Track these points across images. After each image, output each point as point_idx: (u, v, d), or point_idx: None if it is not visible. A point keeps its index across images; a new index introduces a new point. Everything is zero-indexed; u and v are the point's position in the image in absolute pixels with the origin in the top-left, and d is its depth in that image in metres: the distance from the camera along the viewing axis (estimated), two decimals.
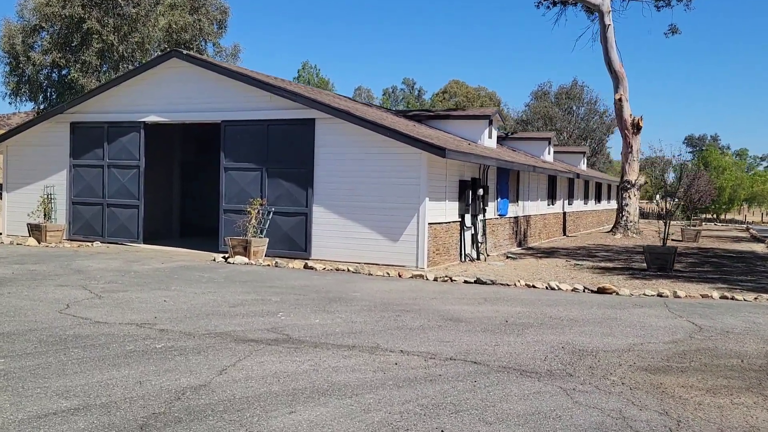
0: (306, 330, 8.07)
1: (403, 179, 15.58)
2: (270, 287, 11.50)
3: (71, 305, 9.37)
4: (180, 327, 8.11)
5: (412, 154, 15.45)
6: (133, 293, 10.55)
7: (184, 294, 10.56)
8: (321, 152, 16.41)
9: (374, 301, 10.25)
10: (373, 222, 15.83)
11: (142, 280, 11.96)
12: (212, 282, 11.97)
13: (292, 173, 16.71)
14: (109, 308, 9.22)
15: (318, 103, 16.27)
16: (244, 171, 17.27)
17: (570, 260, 18.71)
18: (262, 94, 16.96)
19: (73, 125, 19.45)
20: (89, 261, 14.60)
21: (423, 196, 15.38)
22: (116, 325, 8.16)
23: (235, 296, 10.46)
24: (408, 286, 12.17)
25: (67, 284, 11.28)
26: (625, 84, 27.07)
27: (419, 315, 9.18)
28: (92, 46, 29.37)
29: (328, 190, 16.33)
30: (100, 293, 10.45)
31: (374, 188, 15.83)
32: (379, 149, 15.80)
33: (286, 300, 10.20)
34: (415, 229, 15.44)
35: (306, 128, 16.55)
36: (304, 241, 16.50)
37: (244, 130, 17.28)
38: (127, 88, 18.65)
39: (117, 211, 18.89)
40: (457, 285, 12.41)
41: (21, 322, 8.14)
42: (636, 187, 27.31)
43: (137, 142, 18.63)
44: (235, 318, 8.74)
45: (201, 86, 17.73)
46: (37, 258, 14.85)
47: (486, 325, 8.51)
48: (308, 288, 11.51)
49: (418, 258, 15.39)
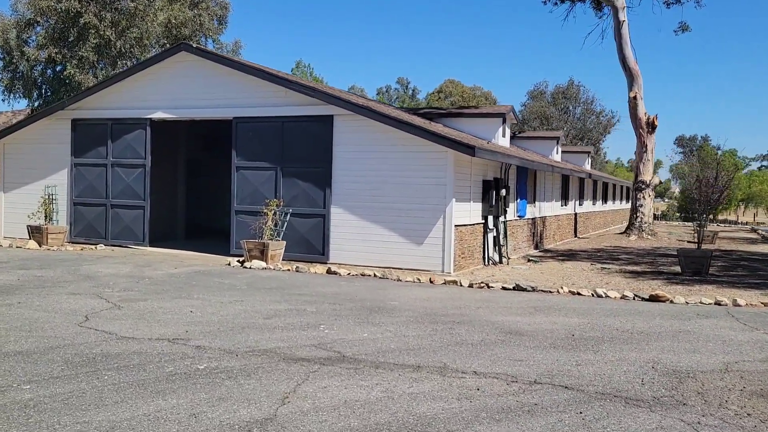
0: (357, 346, 7.27)
1: (428, 179, 14.79)
2: (299, 295, 10.69)
3: (90, 317, 8.52)
4: (217, 343, 7.29)
5: (437, 152, 14.67)
6: (154, 302, 9.71)
7: (209, 303, 9.73)
8: (339, 150, 15.60)
9: (417, 311, 9.46)
10: (395, 224, 15.05)
11: (160, 288, 11.11)
12: (235, 289, 11.14)
13: (309, 172, 15.89)
14: (133, 320, 8.38)
15: (337, 99, 15.46)
16: (258, 170, 16.42)
17: (595, 263, 17.98)
18: (276, 90, 16.13)
19: (75, 122, 18.54)
20: (97, 265, 13.73)
21: (449, 197, 14.61)
22: (146, 341, 7.33)
23: (265, 306, 9.64)
24: (445, 293, 11.39)
25: (80, 292, 10.43)
26: (640, 82, 26.40)
27: (473, 327, 8.39)
28: (89, 41, 28.42)
29: (347, 190, 15.52)
30: (117, 303, 9.60)
31: (397, 189, 15.04)
32: (402, 147, 15.01)
33: (323, 310, 9.39)
34: (441, 232, 14.66)
35: (323, 125, 15.73)
36: (322, 243, 15.69)
37: (258, 127, 16.44)
38: (133, 83, 17.76)
39: (121, 212, 18.00)
40: (495, 292, 11.64)
41: (40, 338, 7.29)
42: (651, 187, 26.66)
43: (143, 139, 17.75)
44: (275, 332, 7.92)
45: (211, 81, 16.88)
46: (41, 262, 13.96)
47: (552, 340, 7.74)
48: (340, 296, 10.70)
49: (444, 262, 14.61)
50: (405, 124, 14.77)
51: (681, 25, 32.54)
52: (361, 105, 15.20)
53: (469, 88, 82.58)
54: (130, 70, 18.13)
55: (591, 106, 77.77)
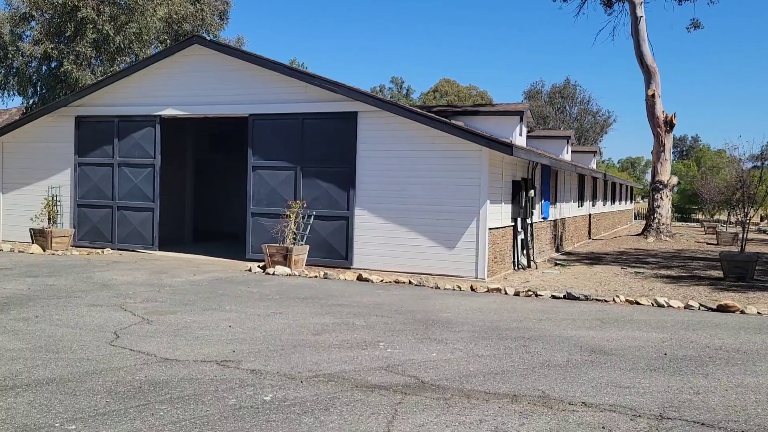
0: (432, 369, 6.42)
1: (460, 179, 13.97)
2: (339, 306, 9.82)
3: (120, 334, 7.62)
4: (273, 366, 6.42)
5: (471, 151, 13.85)
6: (185, 315, 8.81)
7: (246, 316, 8.85)
8: (364, 149, 14.74)
9: (476, 325, 8.62)
10: (424, 227, 14.21)
11: (185, 298, 10.21)
12: (267, 299, 10.26)
13: (331, 172, 15.02)
14: (169, 338, 7.49)
15: (362, 94, 14.61)
16: (276, 170, 15.53)
17: (625, 267, 17.22)
18: (296, 85, 15.24)
19: (79, 119, 17.57)
20: (110, 272, 12.80)
21: (484, 199, 13.78)
22: (191, 363, 6.45)
23: (307, 319, 8.77)
24: (495, 303, 10.55)
25: (100, 303, 9.51)
26: (658, 79, 25.70)
27: (549, 345, 7.56)
28: (87, 36, 27.38)
29: (372, 191, 14.67)
30: (145, 316, 8.70)
31: (426, 190, 14.20)
32: (432, 146, 14.17)
33: (373, 324, 8.53)
34: (474, 235, 13.84)
35: (347, 122, 14.87)
36: (345, 248, 14.82)
37: (276, 125, 15.55)
38: (141, 78, 16.82)
39: (129, 215, 17.05)
40: (547, 301, 10.82)
41: (71, 362, 6.39)
42: (668, 187, 25.96)
43: (152, 137, 16.81)
44: (331, 351, 7.06)
45: (225, 76, 15.97)
46: (49, 269, 13.01)
47: (646, 361, 6.92)
48: (384, 307, 9.84)
49: (477, 267, 13.78)
50: (437, 122, 13.93)
51: (693, 22, 31.93)
52: (388, 101, 14.34)
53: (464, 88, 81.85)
54: (139, 64, 17.19)
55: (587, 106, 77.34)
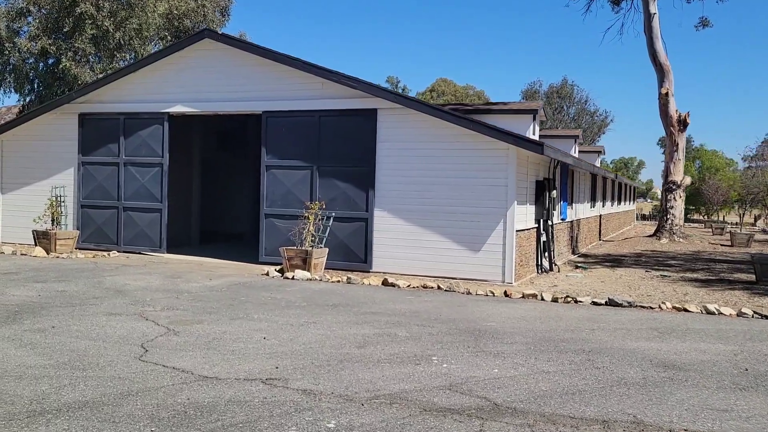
0: (500, 388, 5.83)
1: (486, 179, 13.39)
2: (372, 314, 9.22)
3: (148, 347, 7.00)
4: (325, 385, 5.81)
5: (498, 150, 13.27)
6: (213, 325, 8.19)
7: (278, 326, 8.24)
8: (384, 148, 14.14)
9: (527, 336, 8.04)
10: (448, 229, 13.62)
11: (207, 305, 9.58)
12: (294, 307, 9.64)
13: (349, 172, 14.41)
14: (202, 352, 6.87)
15: (383, 91, 14.03)
16: (291, 169, 14.91)
17: (649, 270, 16.68)
18: (312, 81, 14.62)
19: (83, 116, 16.89)
20: (121, 277, 12.15)
21: (511, 199, 13.22)
22: (235, 382, 5.83)
23: (345, 329, 8.16)
24: (536, 310, 9.96)
25: (118, 312, 8.87)
26: (671, 78, 25.20)
27: (615, 359, 6.98)
28: (85, 32, 26.59)
29: (392, 191, 14.07)
30: (169, 326, 8.08)
31: (450, 190, 13.62)
32: (456, 145, 13.59)
33: (417, 335, 7.93)
34: (500, 238, 13.26)
35: (366, 120, 14.26)
36: (364, 250, 14.22)
37: (291, 122, 14.92)
38: (149, 73, 16.16)
39: (135, 216, 16.38)
40: (589, 308, 10.25)
41: (101, 381, 5.77)
42: (682, 188, 25.46)
43: (160, 135, 16.15)
44: (383, 367, 6.45)
45: (238, 71, 15.34)
46: (56, 273, 12.35)
47: (731, 378, 6.36)
48: (421, 315, 9.25)
49: (504, 271, 13.21)
50: (463, 119, 13.35)
51: (702, 21, 31.46)
52: (411, 98, 13.74)
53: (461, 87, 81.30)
54: (146, 59, 16.52)
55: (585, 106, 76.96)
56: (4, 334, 7.44)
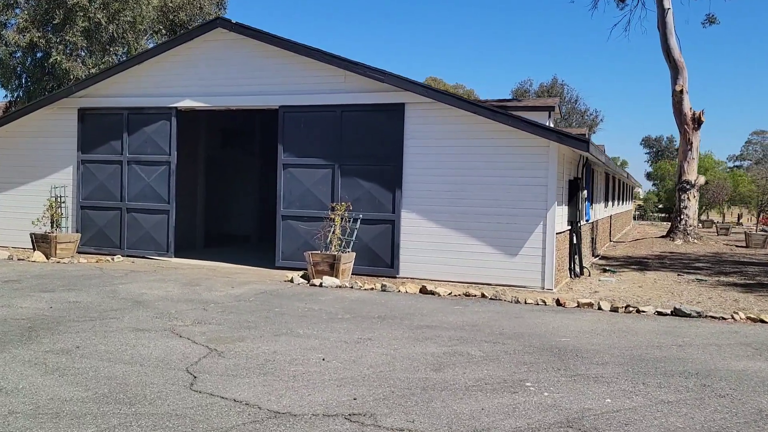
0: (630, 425, 4.97)
1: (524, 178, 12.53)
2: (429, 328, 8.32)
3: (195, 372, 6.05)
4: (422, 422, 4.91)
5: (537, 147, 12.42)
6: (257, 343, 7.24)
7: (331, 344, 7.31)
8: (411, 145, 13.24)
9: (613, 354, 7.18)
10: (481, 232, 12.75)
11: (241, 318, 8.62)
12: (339, 320, 8.71)
13: (374, 171, 13.50)
14: (259, 378, 5.94)
15: (412, 84, 13.08)
16: (310, 168, 13.97)
17: (682, 274, 15.93)
18: (333, 73, 13.69)
19: (83, 111, 15.82)
20: (134, 284, 11.14)
21: (551, 200, 12.38)
22: (313, 419, 4.91)
23: (407, 347, 7.25)
24: (601, 321, 9.11)
25: (145, 327, 7.90)
26: (685, 74, 24.54)
27: (733, 384, 6.14)
28: (77, 24, 25.40)
29: (420, 191, 13.17)
30: (210, 344, 7.12)
31: (484, 190, 12.75)
32: (491, 142, 12.73)
33: (493, 354, 7.04)
34: (540, 241, 12.41)
35: (392, 115, 13.36)
36: (390, 255, 13.31)
37: (310, 118, 13.98)
38: (156, 65, 15.13)
39: (140, 218, 15.34)
40: (656, 319, 9.42)
41: (156, 419, 4.82)
42: (696, 188, 24.80)
43: (167, 132, 15.13)
44: (477, 397, 5.55)
45: (252, 63, 14.36)
46: (62, 281, 11.31)
47: None
48: (482, 328, 8.36)
49: (544, 276, 12.37)
50: (501, 114, 12.48)
51: (708, 18, 30.92)
52: (443, 91, 12.86)
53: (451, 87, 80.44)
54: (153, 50, 15.48)
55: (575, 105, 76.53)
56: (24, 356, 6.46)
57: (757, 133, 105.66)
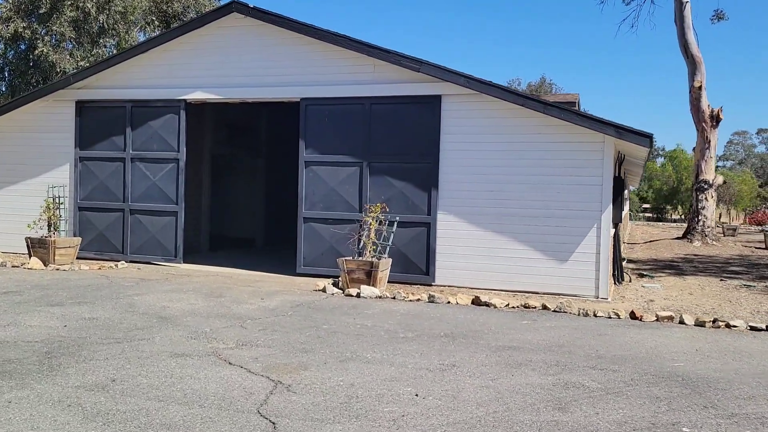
0: None
1: (575, 177, 11.48)
2: (511, 349, 7.19)
3: (270, 416, 4.87)
4: None
5: (591, 143, 11.36)
6: (326, 372, 6.07)
7: (413, 373, 6.15)
8: (449, 140, 12.13)
9: (752, 384, 6.10)
10: (527, 235, 11.68)
11: (290, 338, 7.43)
12: (403, 340, 7.55)
13: (407, 169, 12.36)
14: (353, 424, 4.78)
15: (451, 73, 11.94)
16: (335, 166, 12.79)
17: (724, 279, 14.97)
18: (362, 62, 12.53)
19: (81, 104, 14.50)
20: (151, 296, 9.89)
21: (606, 200, 11.34)
22: None
23: (506, 377, 6.12)
24: (700, 340, 8.04)
25: (183, 351, 6.69)
26: (703, 70, 23.65)
27: None
28: (65, 14, 24.01)
29: (459, 192, 12.07)
30: (270, 374, 5.94)
31: (530, 190, 11.67)
32: (538, 137, 11.65)
33: (609, 385, 5.93)
34: (594, 245, 11.37)
35: (427, 108, 12.23)
36: (425, 260, 12.18)
37: (335, 111, 12.81)
38: (163, 54, 13.86)
39: (145, 220, 14.06)
40: (757, 336, 8.37)
41: None
42: (713, 187, 23.93)
43: (175, 126, 13.87)
44: None
45: (271, 52, 13.16)
46: (68, 292, 10.03)
47: None
48: (572, 350, 7.25)
49: (599, 284, 11.32)
50: (553, 107, 11.39)
51: (717, 13, 30.16)
52: (486, 82, 11.73)
53: None
54: (160, 38, 14.17)
55: None
56: (51, 395, 5.23)
57: (739, 133, 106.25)
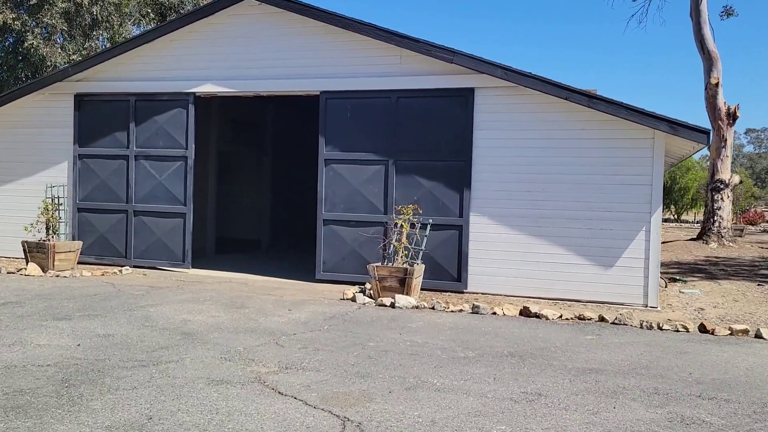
0: None
1: (622, 176, 10.66)
2: (593, 372, 6.32)
3: None
4: None
5: (639, 139, 10.55)
6: (395, 405, 5.18)
7: (495, 404, 5.28)
8: (482, 137, 11.27)
9: None
10: (568, 239, 10.85)
11: (339, 358, 6.53)
12: (465, 361, 6.67)
13: (436, 168, 11.50)
14: None
15: (487, 63, 11.06)
16: (358, 164, 11.91)
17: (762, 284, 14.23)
18: (388, 52, 11.65)
19: (80, 98, 13.52)
20: (166, 307, 8.94)
21: (657, 202, 10.51)
22: None
23: (608, 410, 5.25)
24: None
25: (223, 378, 5.77)
26: (719, 66, 22.96)
27: None
28: (56, 5, 22.89)
29: (493, 192, 11.22)
30: (330, 407, 5.05)
31: (572, 190, 10.84)
32: (581, 132, 10.83)
33: (734, 421, 5.08)
34: (642, 249, 10.55)
35: (458, 102, 11.38)
36: (457, 266, 11.33)
37: (358, 105, 11.92)
38: (169, 44, 12.91)
39: (151, 222, 13.10)
40: None
41: None
42: (730, 187, 23.24)
43: (183, 121, 12.92)
44: None
45: (288, 41, 12.24)
46: (74, 303, 9.06)
47: None
48: (661, 373, 6.39)
49: (647, 292, 10.51)
50: (600, 100, 10.53)
51: (726, 10, 29.55)
52: (526, 73, 10.86)
53: None
54: (166, 26, 13.18)
55: None
56: None
57: None
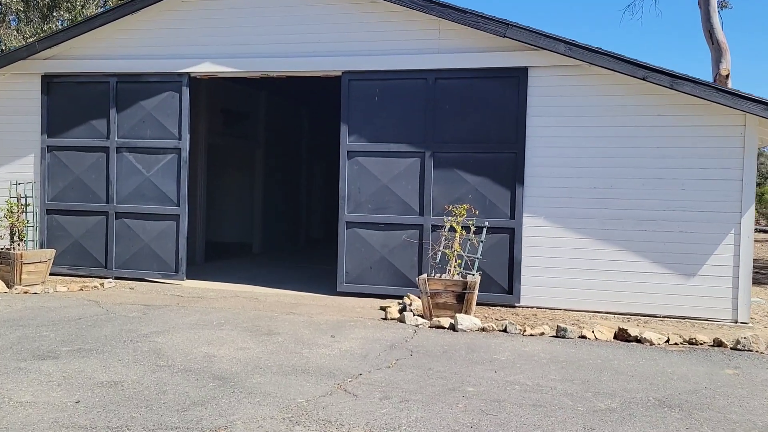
0: None
1: (707, 170, 9.09)
2: None
3: None
4: None
5: (727, 126, 8.99)
6: None
7: None
8: (538, 124, 9.59)
9: None
10: (642, 243, 9.25)
11: (444, 418, 4.77)
12: (609, 413, 4.97)
13: (482, 160, 9.78)
14: None
15: (546, 38, 9.36)
16: (388, 156, 10.13)
17: None
18: (422, 25, 9.90)
19: (49, 79, 11.45)
20: (177, 336, 7.04)
21: (749, 200, 8.98)
22: None
23: None
24: None
25: None
26: (728, 57, 21.70)
27: None
28: None
29: (551, 189, 9.55)
30: None
31: (646, 187, 9.24)
32: (659, 119, 9.23)
33: None
34: (731, 256, 9.02)
35: (509, 83, 9.68)
36: (508, 276, 9.64)
37: (388, 87, 10.13)
38: (158, 16, 10.93)
39: (136, 225, 11.11)
40: None
41: None
42: None
43: (175, 107, 10.97)
44: None
45: (301, 13, 10.40)
46: (57, 332, 7.09)
47: None
48: None
49: (738, 305, 8.98)
50: (685, 81, 8.90)
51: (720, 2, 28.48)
52: (595, 48, 9.19)
53: None
54: None
55: None
56: None
57: None
